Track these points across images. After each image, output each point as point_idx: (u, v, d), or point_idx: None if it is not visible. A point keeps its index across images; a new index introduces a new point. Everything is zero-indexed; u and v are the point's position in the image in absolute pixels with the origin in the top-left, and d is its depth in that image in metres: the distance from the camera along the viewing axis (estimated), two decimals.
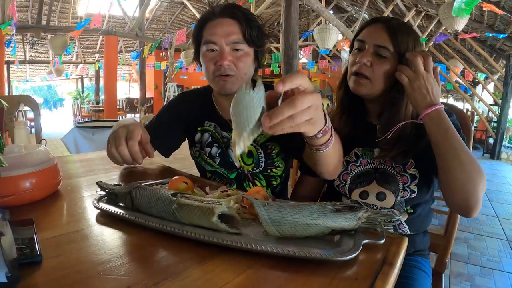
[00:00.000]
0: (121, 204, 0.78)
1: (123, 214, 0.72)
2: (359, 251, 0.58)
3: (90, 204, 0.82)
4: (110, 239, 0.65)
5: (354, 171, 1.16)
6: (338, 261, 0.56)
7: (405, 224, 1.12)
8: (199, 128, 1.34)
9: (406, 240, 0.69)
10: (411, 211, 1.12)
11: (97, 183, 0.84)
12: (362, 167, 1.15)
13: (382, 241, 0.64)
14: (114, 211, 0.74)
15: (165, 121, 1.38)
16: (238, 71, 1.16)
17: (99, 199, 0.81)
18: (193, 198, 0.68)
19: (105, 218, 0.75)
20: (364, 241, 0.61)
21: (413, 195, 1.08)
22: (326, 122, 0.71)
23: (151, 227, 0.67)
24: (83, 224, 0.72)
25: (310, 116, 0.62)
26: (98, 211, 0.77)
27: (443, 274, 1.29)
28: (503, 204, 4.55)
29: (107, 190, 0.81)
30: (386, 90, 1.10)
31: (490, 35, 6.86)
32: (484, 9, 4.49)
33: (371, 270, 0.56)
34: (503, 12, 4.53)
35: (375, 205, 1.12)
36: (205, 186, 0.89)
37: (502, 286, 2.57)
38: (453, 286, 2.54)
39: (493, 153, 8.17)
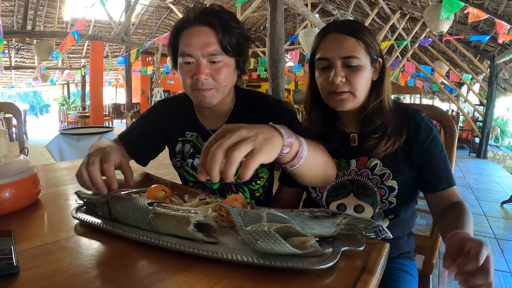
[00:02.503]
0: (99, 213, 0.76)
1: (100, 224, 0.71)
2: (338, 259, 0.58)
3: (69, 214, 0.80)
4: (87, 249, 0.64)
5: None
6: (316, 270, 0.55)
7: (387, 230, 1.10)
8: (180, 139, 1.28)
9: (387, 246, 0.68)
10: (392, 216, 1.11)
11: (75, 193, 0.83)
12: (339, 179, 1.12)
13: (362, 248, 0.63)
14: (92, 221, 0.73)
15: (144, 130, 1.30)
16: (217, 83, 1.08)
17: (78, 209, 0.80)
18: (170, 207, 0.68)
19: (84, 228, 0.74)
20: (343, 249, 0.61)
21: (392, 206, 1.07)
22: (283, 136, 0.66)
23: (127, 237, 0.66)
24: (61, 235, 0.71)
25: (249, 146, 0.59)
26: (77, 221, 0.76)
27: (430, 275, 1.28)
28: (490, 203, 4.60)
29: (85, 200, 0.80)
30: (366, 96, 1.08)
31: (475, 41, 6.93)
32: (467, 10, 4.54)
33: (350, 278, 0.56)
34: (487, 15, 4.58)
35: None
36: (185, 194, 0.87)
37: None
38: (442, 286, 2.55)
39: (479, 152, 8.27)
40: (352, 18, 10.55)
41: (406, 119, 1.07)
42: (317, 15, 10.37)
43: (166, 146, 1.36)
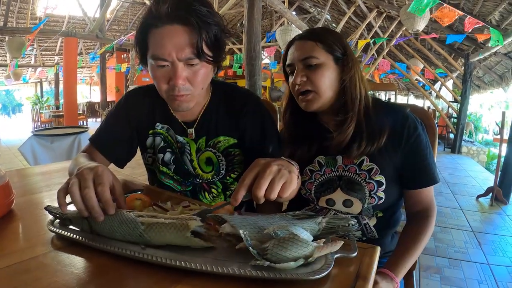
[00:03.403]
0: (77, 229, 0.71)
1: (81, 238, 0.67)
2: (331, 267, 0.56)
3: (45, 226, 0.75)
4: (67, 266, 0.60)
5: (318, 180, 1.14)
6: (310, 280, 0.54)
7: (373, 229, 1.12)
8: (150, 131, 1.19)
9: (378, 249, 0.69)
10: (381, 214, 1.12)
11: (46, 209, 0.76)
12: (326, 175, 1.13)
13: (355, 254, 0.62)
14: (70, 235, 0.68)
15: (115, 127, 1.19)
16: (194, 88, 1.00)
17: (53, 222, 0.75)
18: (161, 217, 0.65)
19: (62, 242, 0.69)
20: (336, 256, 0.60)
21: (381, 201, 1.08)
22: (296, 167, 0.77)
23: (110, 251, 0.62)
24: (39, 250, 0.66)
25: (285, 178, 0.70)
26: (54, 233, 0.71)
27: (413, 271, 1.29)
28: (466, 197, 4.72)
29: (57, 215, 0.74)
30: (336, 97, 1.10)
31: (451, 41, 7.08)
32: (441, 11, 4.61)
33: (344, 287, 0.54)
34: (462, 13, 4.67)
35: (342, 212, 1.12)
36: (167, 201, 0.84)
37: (470, 276, 2.65)
38: (423, 280, 2.60)
39: (454, 147, 8.48)
40: (328, 16, 10.64)
41: (390, 116, 1.09)
42: (293, 13, 10.39)
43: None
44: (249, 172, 0.71)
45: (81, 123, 11.54)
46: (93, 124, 13.59)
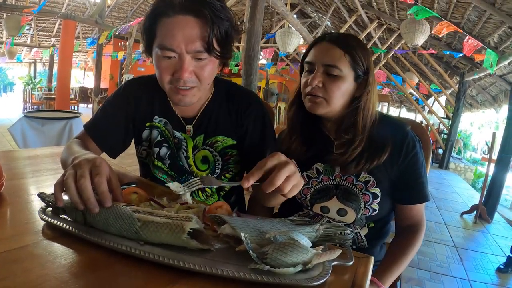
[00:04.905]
0: (69, 218, 0.69)
1: (74, 229, 0.64)
2: (329, 275, 0.57)
3: (36, 213, 0.73)
4: (59, 258, 0.57)
5: (314, 186, 1.15)
6: (309, 286, 0.54)
7: (364, 239, 1.13)
8: (147, 124, 1.16)
9: (372, 259, 0.70)
10: (372, 225, 1.14)
11: (39, 195, 0.73)
12: (323, 183, 1.14)
13: (351, 263, 0.63)
14: (64, 225, 0.66)
15: (111, 116, 1.15)
16: (200, 82, 0.97)
17: (45, 210, 0.72)
18: (157, 214, 0.63)
19: (53, 231, 0.66)
20: (333, 264, 0.60)
21: (374, 213, 1.09)
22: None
23: (105, 245, 0.60)
24: (28, 239, 0.63)
25: (297, 179, 0.72)
26: (45, 222, 0.68)
27: (397, 282, 1.31)
28: (450, 212, 4.79)
29: (51, 203, 0.71)
30: (343, 108, 1.10)
31: (448, 53, 7.18)
32: (442, 29, 4.64)
33: None
34: (462, 31, 4.72)
35: (335, 220, 1.12)
36: (163, 196, 0.82)
37: None
38: None
39: (442, 163, 8.58)
40: (329, 23, 10.67)
41: (391, 132, 1.09)
42: (295, 16, 10.39)
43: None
44: (269, 160, 0.71)
45: (73, 108, 11.39)
46: (85, 110, 13.44)
